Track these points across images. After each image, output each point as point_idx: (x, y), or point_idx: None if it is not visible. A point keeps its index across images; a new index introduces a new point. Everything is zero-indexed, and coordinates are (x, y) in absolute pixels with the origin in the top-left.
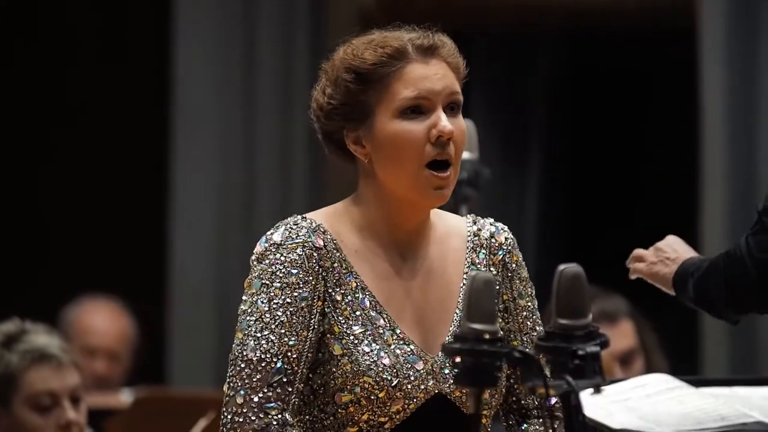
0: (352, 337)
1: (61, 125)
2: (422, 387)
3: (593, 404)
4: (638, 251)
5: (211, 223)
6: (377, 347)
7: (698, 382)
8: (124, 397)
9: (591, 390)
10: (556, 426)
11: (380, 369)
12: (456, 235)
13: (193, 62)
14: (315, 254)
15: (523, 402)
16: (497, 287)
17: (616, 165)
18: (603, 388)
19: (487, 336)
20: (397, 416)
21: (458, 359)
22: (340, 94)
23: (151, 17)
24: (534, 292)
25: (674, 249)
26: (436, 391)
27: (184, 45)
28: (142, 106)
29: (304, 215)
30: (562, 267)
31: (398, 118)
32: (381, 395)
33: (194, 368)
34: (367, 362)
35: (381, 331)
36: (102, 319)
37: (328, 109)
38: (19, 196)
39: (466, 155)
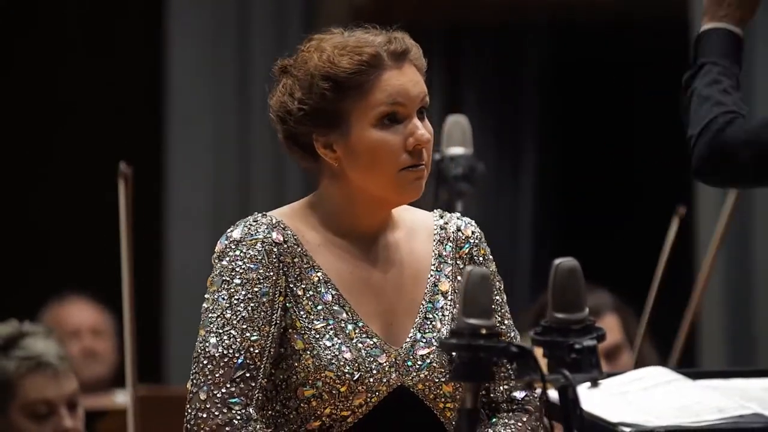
0: (313, 332)
1: (53, 123)
2: (385, 380)
3: (591, 398)
4: None
5: (207, 221)
6: (339, 341)
7: (696, 375)
8: (118, 398)
9: (588, 384)
10: (525, 420)
11: (341, 363)
12: (422, 229)
13: (186, 61)
14: (275, 249)
15: (492, 395)
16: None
17: (609, 157)
18: (600, 381)
19: (483, 331)
20: (360, 410)
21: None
22: (314, 100)
23: (143, 14)
24: (502, 287)
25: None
26: (399, 384)
27: (177, 44)
28: (134, 104)
29: (264, 213)
30: (558, 261)
31: (375, 126)
32: (343, 389)
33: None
34: (329, 356)
35: (343, 325)
36: (76, 305)
37: (299, 114)
38: (10, 194)
39: (460, 150)
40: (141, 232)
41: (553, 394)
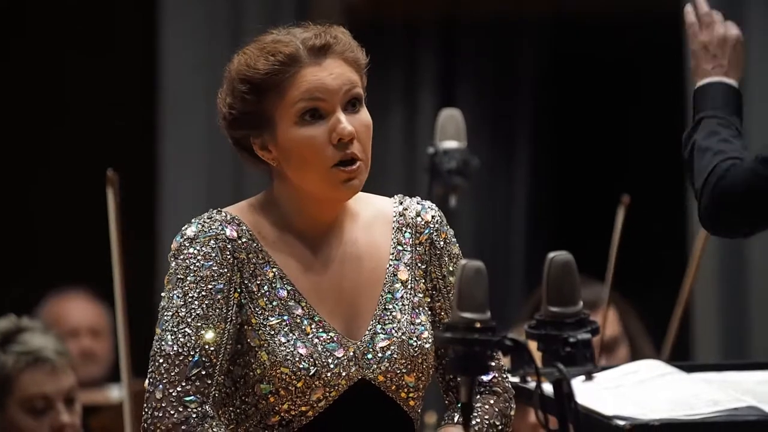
0: (268, 328)
1: (47, 123)
2: (344, 374)
3: (585, 391)
4: (704, 16)
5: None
6: (294, 337)
7: (690, 368)
8: (112, 394)
9: (583, 377)
10: (492, 402)
11: (296, 359)
12: (381, 218)
13: (179, 60)
14: (229, 246)
15: (459, 379)
16: (424, 266)
17: (604, 151)
18: (594, 375)
19: (478, 325)
20: (319, 404)
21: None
22: (237, 104)
23: (137, 13)
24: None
25: (728, 56)
26: (360, 377)
27: (170, 43)
28: (128, 104)
29: (219, 209)
30: (552, 255)
31: (297, 124)
32: (299, 385)
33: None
34: (284, 353)
35: (299, 321)
36: (75, 303)
37: (230, 118)
38: (6, 193)
39: (454, 144)
40: (135, 231)
41: (548, 387)
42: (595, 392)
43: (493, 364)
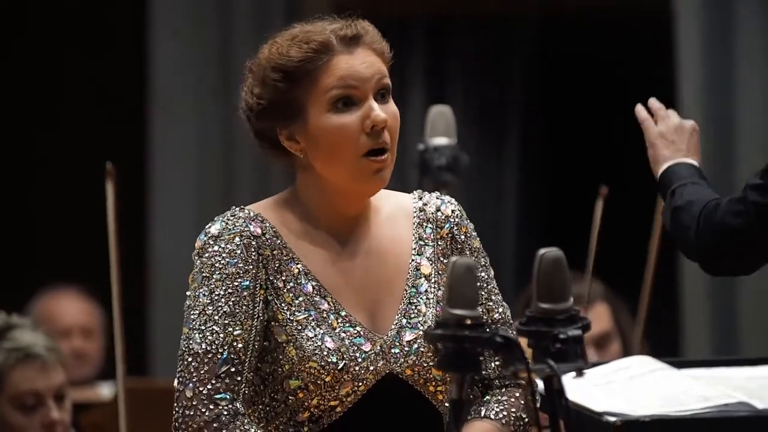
0: (295, 323)
1: (39, 122)
2: (371, 368)
3: (576, 388)
4: (659, 110)
5: (191, 216)
6: (321, 331)
7: (680, 364)
8: (103, 391)
9: (574, 373)
10: (518, 395)
11: (325, 353)
12: (402, 213)
13: (169, 59)
14: (253, 242)
15: (484, 372)
16: (446, 261)
17: (593, 148)
18: (585, 371)
19: (468, 321)
20: (348, 399)
21: (440, 345)
22: (268, 93)
23: (126, 13)
24: (487, 263)
25: (686, 141)
26: (387, 372)
27: (159, 43)
28: (119, 103)
29: (242, 206)
30: (542, 251)
31: (330, 111)
32: (327, 379)
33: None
34: (312, 347)
35: (325, 315)
36: (68, 302)
37: (258, 109)
38: (3, 189)
39: (444, 141)
40: (127, 228)
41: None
42: (585, 388)
43: None
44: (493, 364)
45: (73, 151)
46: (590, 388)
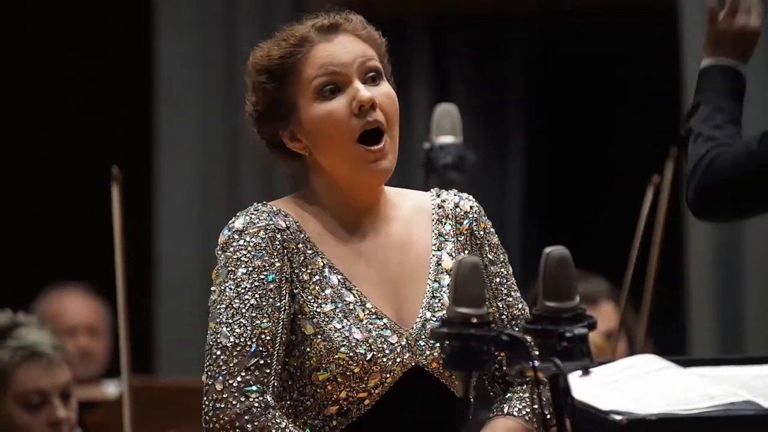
0: (322, 315)
1: (42, 123)
2: (398, 360)
3: (582, 386)
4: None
5: (196, 213)
6: (349, 323)
7: (686, 363)
8: (108, 389)
9: (579, 372)
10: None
11: (353, 344)
12: (421, 210)
13: (173, 58)
14: (278, 236)
15: (505, 369)
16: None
17: (596, 145)
18: (591, 370)
19: (474, 320)
20: (376, 391)
21: (446, 343)
22: (260, 97)
23: (131, 12)
24: (506, 259)
25: (743, 45)
26: (413, 364)
27: (164, 41)
28: (123, 103)
29: (263, 202)
30: (548, 249)
31: (317, 101)
32: (356, 370)
33: (182, 358)
34: (339, 338)
35: (351, 308)
36: (74, 300)
37: (256, 116)
38: (5, 189)
39: (450, 139)
40: (132, 227)
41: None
42: (591, 387)
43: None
44: None
45: (75, 151)
46: (596, 387)
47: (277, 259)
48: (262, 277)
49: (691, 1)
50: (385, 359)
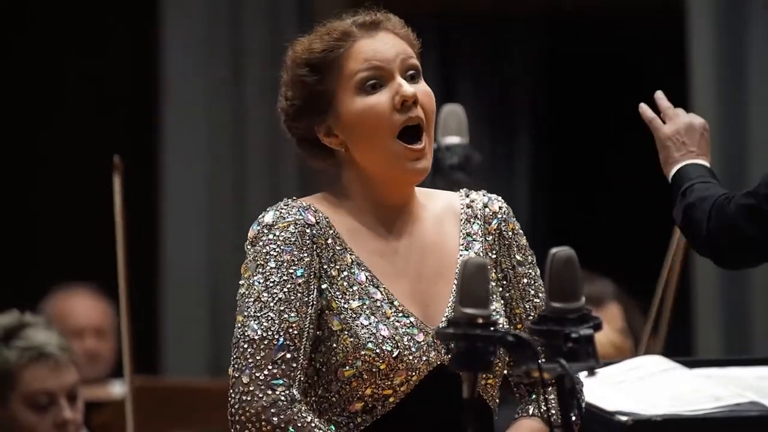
0: (350, 312)
1: (51, 120)
2: (424, 358)
3: (588, 387)
4: (666, 110)
5: (202, 214)
6: (375, 320)
7: (692, 364)
8: (114, 390)
9: (585, 373)
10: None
11: (380, 340)
12: (449, 210)
13: (180, 57)
14: (308, 231)
15: (511, 370)
16: (495, 256)
17: (602, 146)
18: (597, 371)
19: (480, 320)
20: (401, 388)
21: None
22: (299, 91)
23: (137, 11)
24: (534, 260)
25: (696, 141)
26: (438, 363)
27: (171, 41)
28: (130, 101)
29: (293, 197)
30: (554, 250)
31: (359, 95)
32: (382, 367)
33: (187, 358)
34: (366, 335)
35: (379, 305)
36: (81, 301)
37: (293, 111)
38: (6, 188)
39: (456, 140)
40: (137, 225)
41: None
42: (597, 388)
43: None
44: None
45: (75, 151)
46: (602, 388)
47: (306, 254)
48: (290, 271)
49: (697, 1)
50: (411, 357)
